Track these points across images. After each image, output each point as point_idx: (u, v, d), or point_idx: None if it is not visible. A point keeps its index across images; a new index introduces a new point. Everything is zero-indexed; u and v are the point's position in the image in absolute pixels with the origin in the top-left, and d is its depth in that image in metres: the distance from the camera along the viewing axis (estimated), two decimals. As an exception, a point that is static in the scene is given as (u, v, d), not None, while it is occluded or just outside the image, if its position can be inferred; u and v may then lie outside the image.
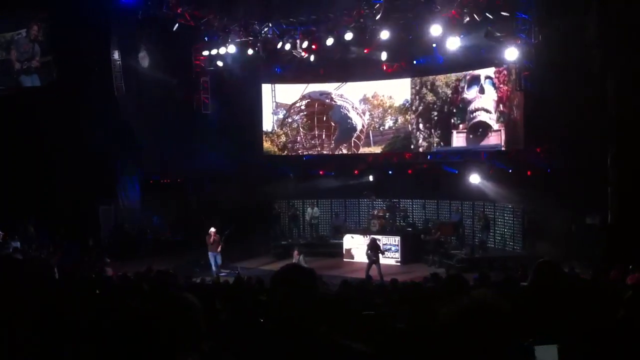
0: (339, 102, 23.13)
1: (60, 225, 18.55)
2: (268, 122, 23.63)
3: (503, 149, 19.74)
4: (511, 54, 17.40)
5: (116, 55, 19.98)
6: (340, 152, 23.14)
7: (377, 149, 22.89)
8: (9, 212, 17.78)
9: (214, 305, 6.27)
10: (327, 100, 23.25)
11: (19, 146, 19.09)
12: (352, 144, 23.04)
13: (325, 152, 23.24)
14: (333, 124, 23.21)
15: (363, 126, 22.90)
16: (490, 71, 20.01)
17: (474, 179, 19.42)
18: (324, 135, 23.24)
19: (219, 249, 17.16)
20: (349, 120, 23.10)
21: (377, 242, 16.82)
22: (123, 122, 20.22)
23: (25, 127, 18.90)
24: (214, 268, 17.08)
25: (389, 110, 22.52)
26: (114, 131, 19.78)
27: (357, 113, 22.98)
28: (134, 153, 21.04)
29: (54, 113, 18.85)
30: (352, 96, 23.09)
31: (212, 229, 17.29)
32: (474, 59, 19.71)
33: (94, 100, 19.57)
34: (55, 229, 18.41)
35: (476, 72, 20.43)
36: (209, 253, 17.24)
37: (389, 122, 22.69)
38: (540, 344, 2.63)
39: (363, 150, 22.98)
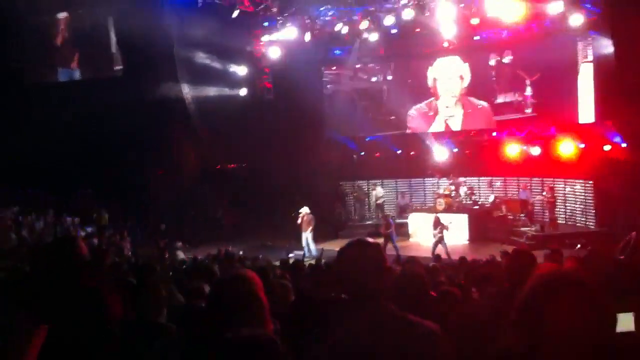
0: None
1: (130, 213, 19.21)
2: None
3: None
4: (576, 20, 16.80)
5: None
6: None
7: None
8: (84, 200, 18.56)
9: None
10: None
11: (88, 136, 19.72)
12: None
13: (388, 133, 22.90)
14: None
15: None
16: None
17: (537, 152, 18.98)
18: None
19: (310, 229, 17.35)
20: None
21: (441, 219, 16.67)
22: (185, 112, 20.69)
23: (95, 119, 19.51)
24: (306, 250, 17.28)
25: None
26: (176, 121, 20.24)
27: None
28: (196, 141, 21.45)
29: (123, 106, 19.35)
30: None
31: (303, 209, 17.51)
32: (537, 32, 19.13)
33: (157, 93, 20.01)
34: (126, 216, 19.05)
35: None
36: (302, 234, 17.45)
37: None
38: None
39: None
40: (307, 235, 17.38)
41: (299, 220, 17.45)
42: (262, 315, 2.63)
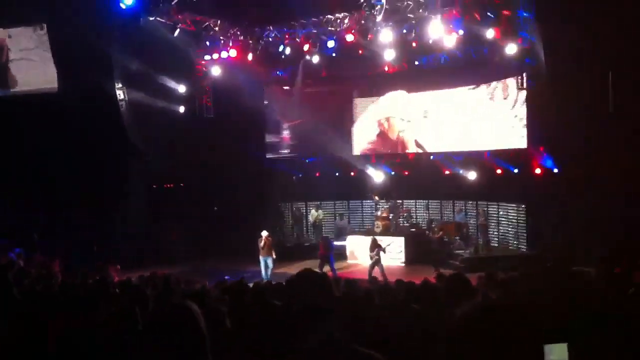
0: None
1: (65, 233, 18.55)
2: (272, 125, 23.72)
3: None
4: (511, 49, 17.43)
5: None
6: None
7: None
8: (15, 220, 17.86)
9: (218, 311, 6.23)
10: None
11: (24, 154, 19.09)
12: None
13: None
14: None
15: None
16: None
17: (473, 176, 19.50)
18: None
19: (272, 253, 17.05)
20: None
21: (378, 241, 16.85)
22: (125, 131, 20.28)
23: (28, 134, 18.91)
24: (263, 273, 16.87)
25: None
26: (117, 139, 19.81)
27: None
28: (137, 160, 21.01)
29: (58, 121, 18.78)
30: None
31: (265, 233, 17.21)
32: (476, 59, 19.73)
33: (96, 109, 19.53)
34: (59, 236, 18.39)
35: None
36: (260, 257, 17.06)
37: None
38: (548, 342, 2.59)
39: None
40: (265, 259, 17.00)
41: (261, 244, 17.12)
42: (198, 346, 2.59)
